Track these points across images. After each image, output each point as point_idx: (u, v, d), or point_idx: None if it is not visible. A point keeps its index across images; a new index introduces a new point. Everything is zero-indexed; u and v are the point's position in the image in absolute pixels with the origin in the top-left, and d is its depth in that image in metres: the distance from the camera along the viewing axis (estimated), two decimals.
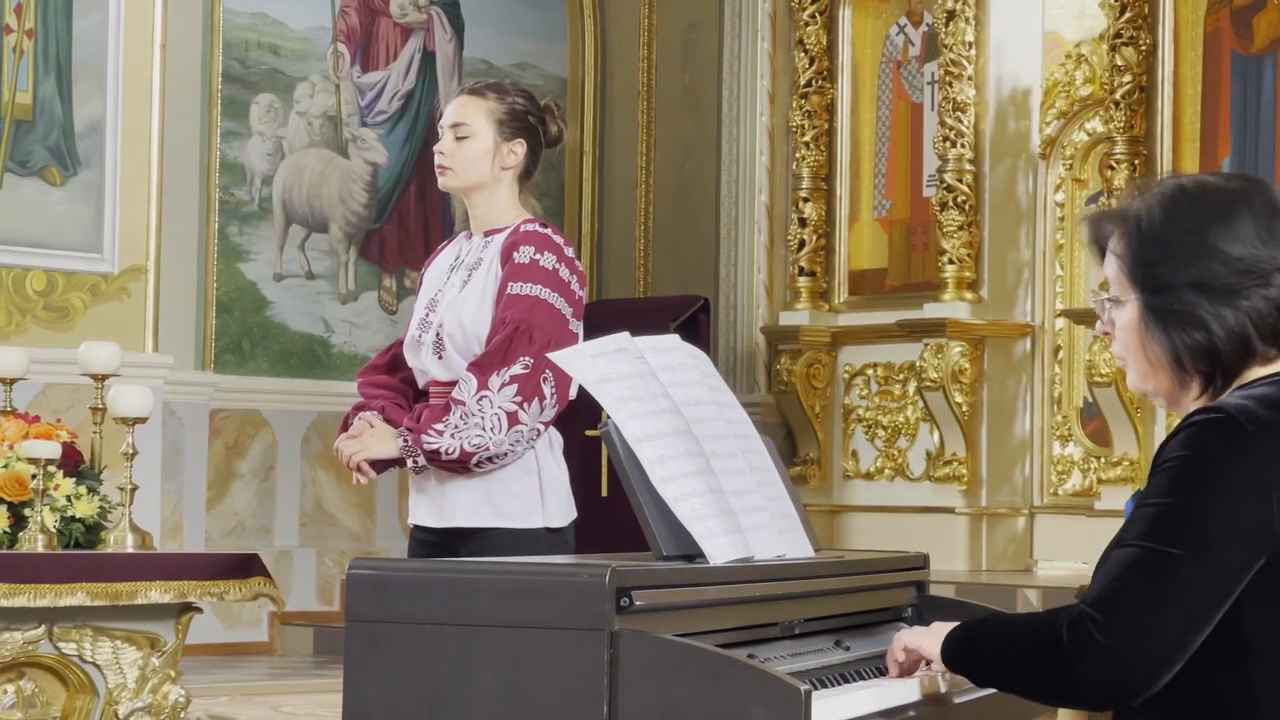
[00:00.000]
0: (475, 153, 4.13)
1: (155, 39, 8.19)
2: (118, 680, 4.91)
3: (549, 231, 4.12)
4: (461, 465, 3.98)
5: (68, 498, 4.93)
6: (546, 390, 3.96)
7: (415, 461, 4.02)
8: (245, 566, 4.99)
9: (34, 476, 4.85)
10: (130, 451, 5.05)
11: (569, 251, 4.12)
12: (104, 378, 5.16)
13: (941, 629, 2.70)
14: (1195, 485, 2.42)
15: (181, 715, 5.03)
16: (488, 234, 4.17)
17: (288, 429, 9.54)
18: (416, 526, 4.16)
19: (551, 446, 4.11)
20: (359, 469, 4.09)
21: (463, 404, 3.96)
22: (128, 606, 4.84)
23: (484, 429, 3.94)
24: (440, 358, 4.11)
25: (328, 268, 9.84)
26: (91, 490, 4.99)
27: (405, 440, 4.01)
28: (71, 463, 5.03)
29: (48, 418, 5.27)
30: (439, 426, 3.97)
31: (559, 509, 4.10)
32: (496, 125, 4.13)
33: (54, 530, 4.88)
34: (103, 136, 8.05)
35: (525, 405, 3.95)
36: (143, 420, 5.09)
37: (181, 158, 9.06)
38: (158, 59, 8.19)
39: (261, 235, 9.64)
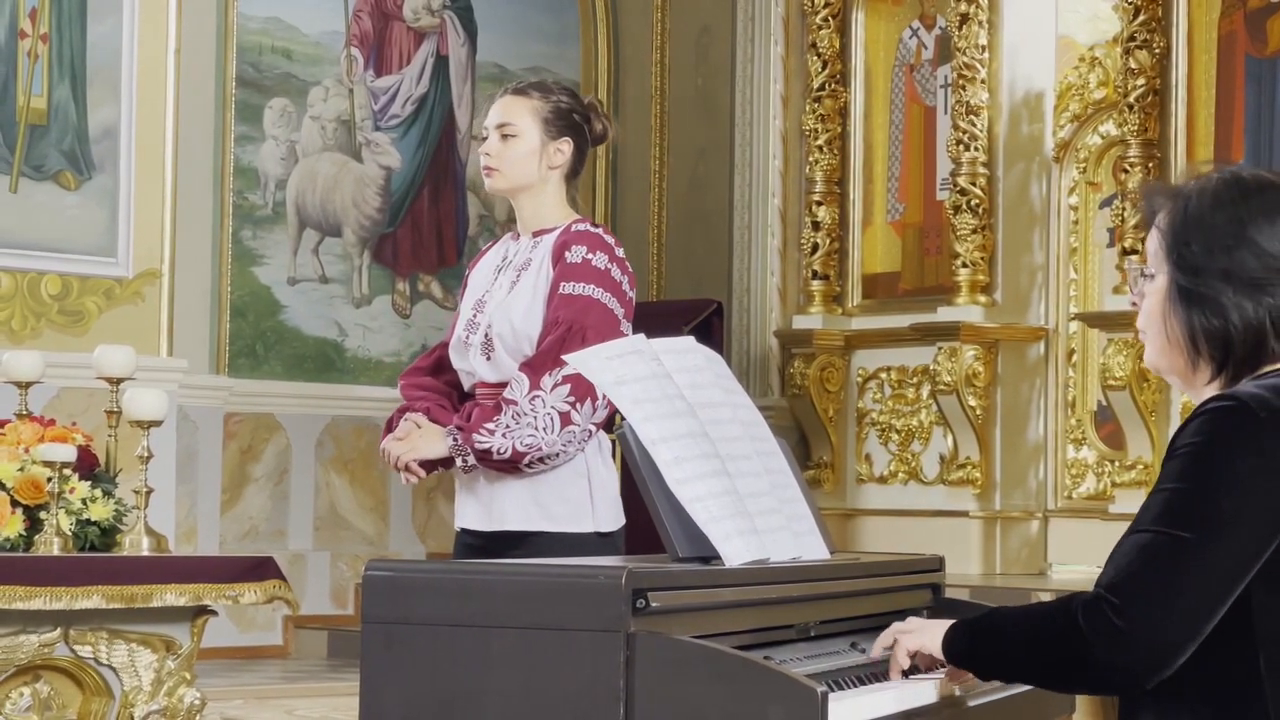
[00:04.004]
0: (522, 152, 4.08)
1: (169, 44, 8.20)
2: (133, 683, 4.91)
3: (600, 231, 4.08)
4: (513, 465, 3.94)
5: (83, 501, 4.93)
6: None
7: (465, 461, 3.97)
8: (260, 569, 5.00)
9: (50, 480, 4.86)
10: (145, 455, 5.05)
11: (620, 252, 4.07)
12: (119, 381, 5.17)
13: (937, 624, 2.71)
14: (1207, 470, 2.45)
15: (196, 718, 5.04)
16: (536, 234, 4.12)
17: (302, 432, 9.55)
18: (464, 530, 4.12)
19: (601, 450, 4.06)
20: (408, 469, 4.05)
21: (515, 404, 3.91)
22: (143, 609, 4.84)
23: (536, 429, 3.90)
24: (489, 359, 4.06)
25: (341, 271, 9.84)
26: (107, 493, 4.99)
27: (455, 439, 3.96)
28: (87, 466, 5.04)
29: (63, 421, 5.27)
30: (490, 426, 3.92)
31: (609, 513, 4.06)
32: (542, 124, 4.09)
33: (69, 533, 4.88)
34: (117, 141, 8.05)
35: (578, 405, 3.91)
36: (157, 423, 5.09)
37: (195, 162, 9.08)
38: (172, 64, 8.19)
39: (275, 239, 9.64)
